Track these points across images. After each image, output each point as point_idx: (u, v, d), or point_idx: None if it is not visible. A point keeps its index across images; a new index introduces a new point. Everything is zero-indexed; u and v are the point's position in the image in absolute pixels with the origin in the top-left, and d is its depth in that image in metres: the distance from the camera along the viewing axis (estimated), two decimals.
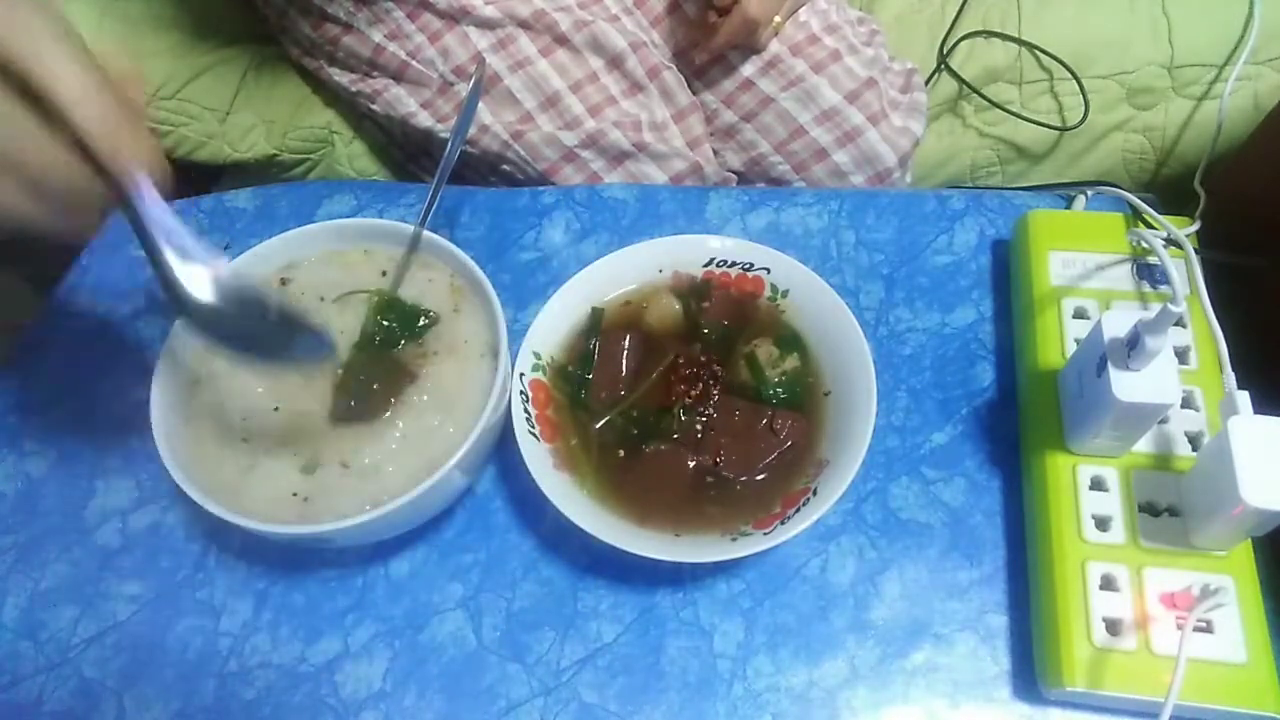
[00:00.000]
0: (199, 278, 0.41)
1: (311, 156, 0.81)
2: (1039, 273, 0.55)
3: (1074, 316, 0.53)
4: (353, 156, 0.81)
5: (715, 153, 0.71)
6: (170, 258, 0.39)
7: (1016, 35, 0.71)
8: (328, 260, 0.56)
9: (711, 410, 0.50)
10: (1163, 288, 0.53)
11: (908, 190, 0.68)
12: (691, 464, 0.49)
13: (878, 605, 0.49)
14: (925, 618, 0.48)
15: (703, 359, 0.52)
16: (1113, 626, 0.44)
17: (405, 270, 0.54)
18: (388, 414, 0.50)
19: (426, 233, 0.54)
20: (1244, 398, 0.43)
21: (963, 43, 0.72)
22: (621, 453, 0.50)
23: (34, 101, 0.33)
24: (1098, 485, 0.47)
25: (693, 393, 0.51)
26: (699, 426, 0.50)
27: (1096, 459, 0.48)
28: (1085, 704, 0.45)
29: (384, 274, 0.55)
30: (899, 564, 0.50)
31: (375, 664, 0.49)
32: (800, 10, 0.68)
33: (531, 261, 0.63)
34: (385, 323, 0.52)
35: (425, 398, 0.51)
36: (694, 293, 0.55)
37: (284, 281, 0.55)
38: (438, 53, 0.70)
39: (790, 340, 0.53)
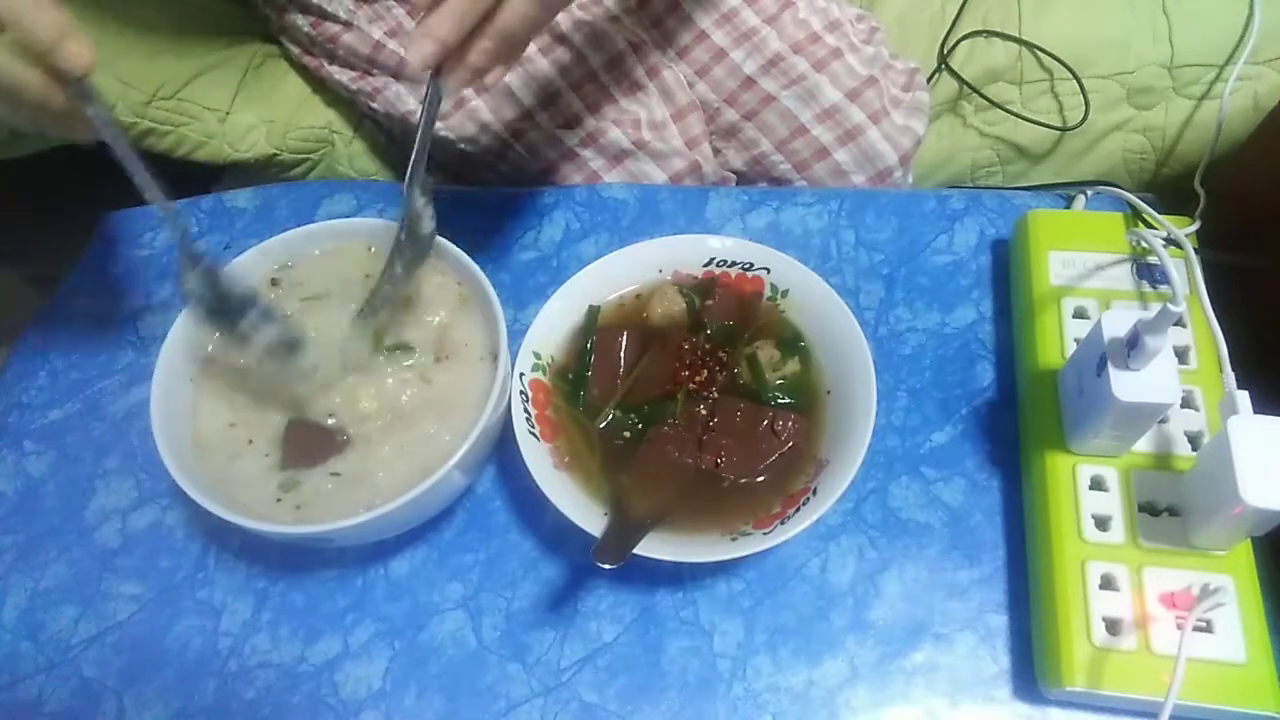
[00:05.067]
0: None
1: (311, 156, 0.81)
2: (1039, 273, 0.55)
3: (1074, 316, 0.53)
4: (353, 156, 0.81)
5: (717, 152, 0.71)
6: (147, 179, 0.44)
7: (1017, 35, 0.71)
8: (326, 260, 0.56)
9: (714, 395, 0.51)
10: (1163, 287, 0.53)
11: (907, 190, 0.68)
12: (691, 461, 0.49)
13: (878, 605, 0.49)
14: (925, 617, 0.48)
15: (707, 346, 0.52)
16: (1112, 626, 0.44)
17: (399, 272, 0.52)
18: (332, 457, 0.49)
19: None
20: (1244, 397, 0.43)
21: (963, 43, 0.72)
22: (622, 451, 0.50)
23: None
24: (1098, 485, 0.47)
25: (697, 379, 0.51)
26: (701, 414, 0.50)
27: (1096, 459, 0.48)
28: (1085, 704, 0.45)
29: (368, 276, 0.55)
30: (899, 564, 0.50)
31: (375, 664, 0.49)
32: (801, 7, 0.68)
33: (531, 261, 0.63)
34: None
35: (426, 399, 0.51)
36: (698, 290, 0.55)
37: (275, 282, 0.55)
38: None
39: (791, 341, 0.53)
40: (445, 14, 0.41)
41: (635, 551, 0.44)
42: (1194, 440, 0.48)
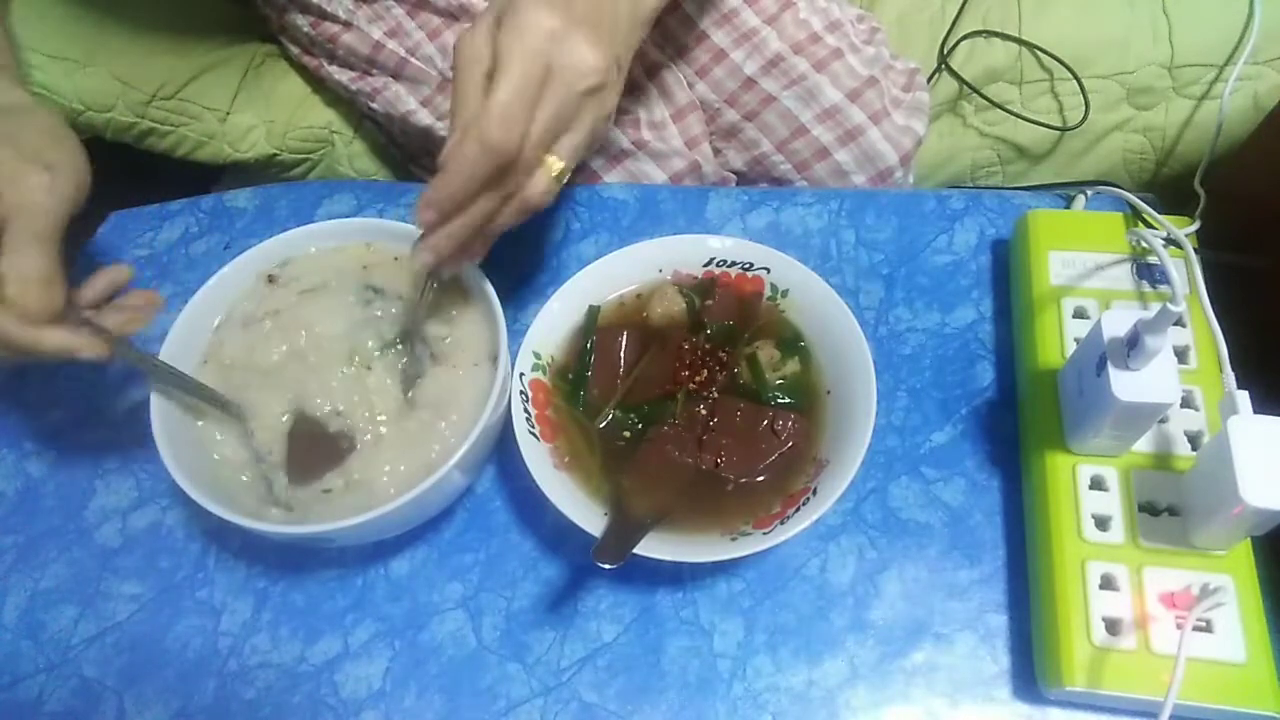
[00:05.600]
0: None
1: (311, 156, 0.81)
2: (1039, 272, 0.55)
3: (1074, 316, 0.53)
4: (353, 156, 0.81)
5: (717, 152, 0.71)
6: None
7: (1017, 35, 0.71)
8: (324, 256, 0.56)
9: (714, 395, 0.51)
10: (1162, 287, 0.53)
11: (907, 190, 0.68)
12: (692, 461, 0.49)
13: (878, 605, 0.49)
14: (925, 618, 0.48)
15: (707, 345, 0.53)
16: (1112, 626, 0.44)
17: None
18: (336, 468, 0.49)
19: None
20: (1243, 397, 0.43)
21: (963, 43, 0.72)
22: (622, 451, 0.50)
23: None
24: (1097, 485, 0.47)
25: (697, 379, 0.51)
26: (701, 414, 0.50)
27: (1096, 459, 0.48)
28: (1085, 703, 0.45)
29: (365, 268, 0.55)
30: (899, 564, 0.50)
31: (375, 664, 0.49)
32: (801, 8, 0.68)
33: (531, 261, 0.63)
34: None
35: (426, 398, 0.51)
36: (698, 290, 0.55)
37: (272, 279, 0.55)
38: (437, 49, 0.70)
39: (791, 341, 0.53)
40: (446, 235, 0.45)
41: (635, 551, 0.44)
42: (1194, 440, 0.48)
